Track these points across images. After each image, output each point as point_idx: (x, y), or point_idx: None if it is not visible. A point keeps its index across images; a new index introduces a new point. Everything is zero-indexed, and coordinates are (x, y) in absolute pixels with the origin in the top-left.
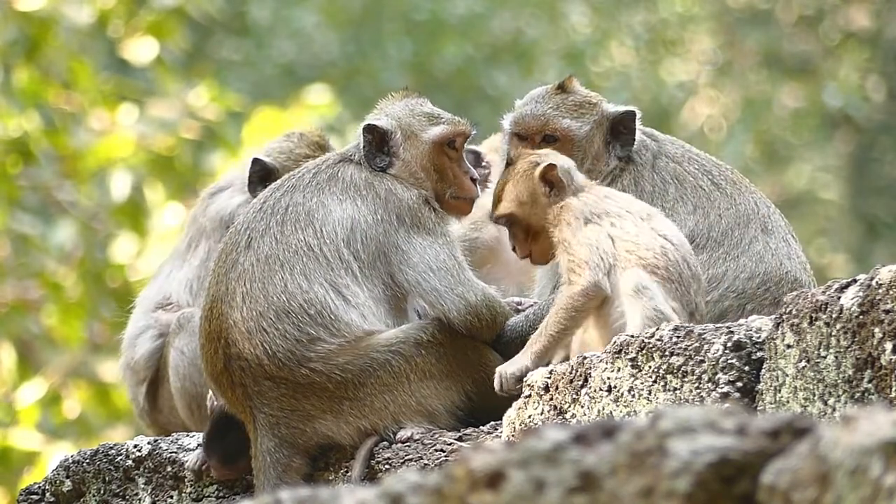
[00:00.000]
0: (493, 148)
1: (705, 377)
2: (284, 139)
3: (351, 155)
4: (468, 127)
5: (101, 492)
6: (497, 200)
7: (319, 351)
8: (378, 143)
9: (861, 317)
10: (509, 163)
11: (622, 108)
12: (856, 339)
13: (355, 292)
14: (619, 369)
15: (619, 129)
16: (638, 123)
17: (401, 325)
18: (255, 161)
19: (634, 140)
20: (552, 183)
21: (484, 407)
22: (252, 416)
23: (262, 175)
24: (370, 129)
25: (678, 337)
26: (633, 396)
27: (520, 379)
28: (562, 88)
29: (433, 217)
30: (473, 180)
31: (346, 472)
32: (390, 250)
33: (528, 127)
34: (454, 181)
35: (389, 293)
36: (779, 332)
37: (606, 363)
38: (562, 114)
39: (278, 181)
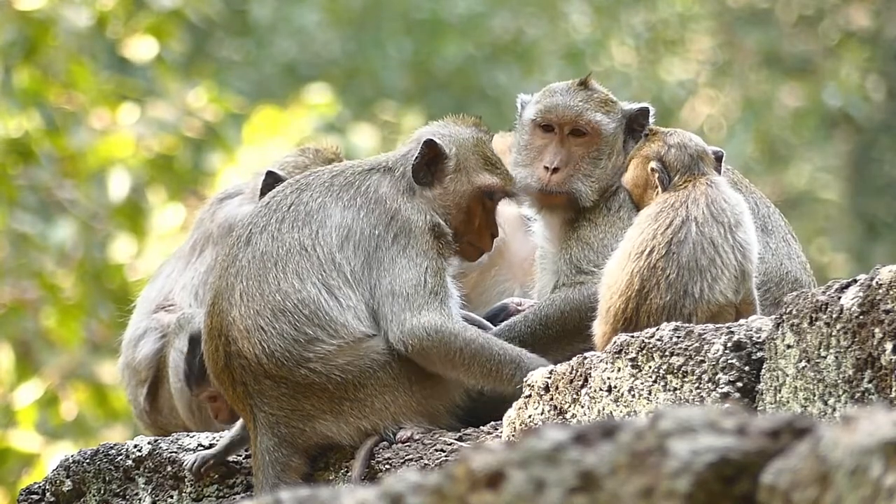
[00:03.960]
0: (500, 151)
1: (705, 377)
2: (300, 154)
3: (383, 164)
4: (515, 188)
5: (102, 492)
6: None
7: (318, 351)
8: (430, 161)
9: (861, 317)
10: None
11: (637, 106)
12: (856, 339)
13: (347, 294)
14: (619, 369)
15: (634, 126)
16: (651, 120)
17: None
18: (270, 174)
19: None
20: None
21: (484, 406)
22: (252, 414)
23: (274, 188)
24: (430, 144)
25: (678, 337)
26: (633, 396)
27: None
28: (584, 85)
29: (429, 242)
30: (493, 237)
31: (346, 472)
32: (374, 263)
33: (560, 118)
34: (476, 231)
35: (374, 302)
36: (779, 332)
37: (606, 363)
38: (593, 108)
39: (293, 178)
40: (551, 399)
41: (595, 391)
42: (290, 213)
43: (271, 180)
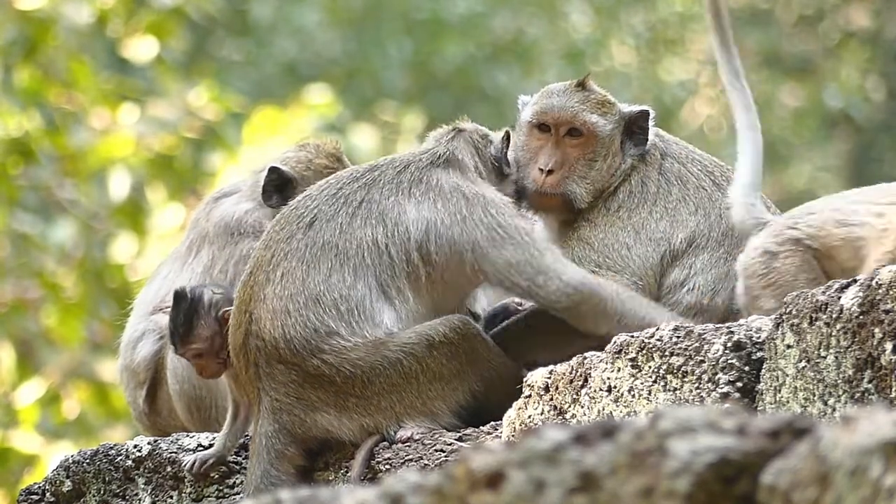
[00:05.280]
0: None
1: (705, 377)
2: (300, 149)
3: (441, 156)
4: None
5: (101, 492)
6: None
7: (334, 345)
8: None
9: (861, 317)
10: None
11: (636, 108)
12: (856, 340)
13: (406, 297)
14: (619, 369)
15: (633, 128)
16: (651, 123)
17: None
18: (273, 170)
19: (647, 139)
20: None
21: (488, 406)
22: (258, 397)
23: (278, 185)
24: (508, 137)
25: (678, 337)
26: (633, 396)
27: None
28: (581, 86)
29: (512, 207)
30: None
31: (346, 471)
32: (466, 248)
33: (556, 118)
34: None
35: (455, 296)
36: (779, 332)
37: (606, 363)
38: (589, 109)
39: (356, 172)
40: (551, 399)
41: (595, 391)
42: (361, 210)
43: (275, 176)
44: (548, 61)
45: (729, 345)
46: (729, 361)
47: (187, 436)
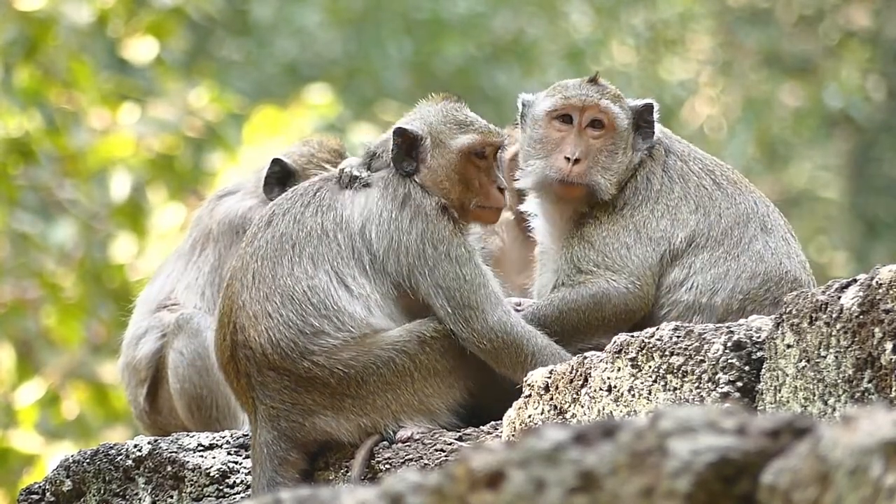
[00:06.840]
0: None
1: (705, 377)
2: (303, 144)
3: (369, 155)
4: (500, 137)
5: (102, 491)
6: None
7: (323, 345)
8: (407, 148)
9: (861, 316)
10: None
11: (641, 102)
12: (856, 339)
13: (361, 283)
14: (619, 369)
15: (640, 122)
16: (655, 116)
17: (408, 321)
18: (276, 161)
19: (653, 132)
20: None
21: (485, 403)
22: (254, 407)
23: (280, 177)
24: (400, 133)
25: (678, 337)
26: (633, 396)
27: None
28: (594, 81)
29: (449, 227)
30: (501, 190)
31: (346, 471)
32: (401, 253)
33: (581, 106)
34: (479, 191)
35: (400, 291)
36: (779, 331)
37: (606, 363)
38: (609, 100)
39: (311, 179)
40: (551, 399)
41: (595, 391)
42: (314, 199)
43: (277, 168)
44: (548, 61)
45: (729, 344)
46: (729, 361)
47: (188, 435)
